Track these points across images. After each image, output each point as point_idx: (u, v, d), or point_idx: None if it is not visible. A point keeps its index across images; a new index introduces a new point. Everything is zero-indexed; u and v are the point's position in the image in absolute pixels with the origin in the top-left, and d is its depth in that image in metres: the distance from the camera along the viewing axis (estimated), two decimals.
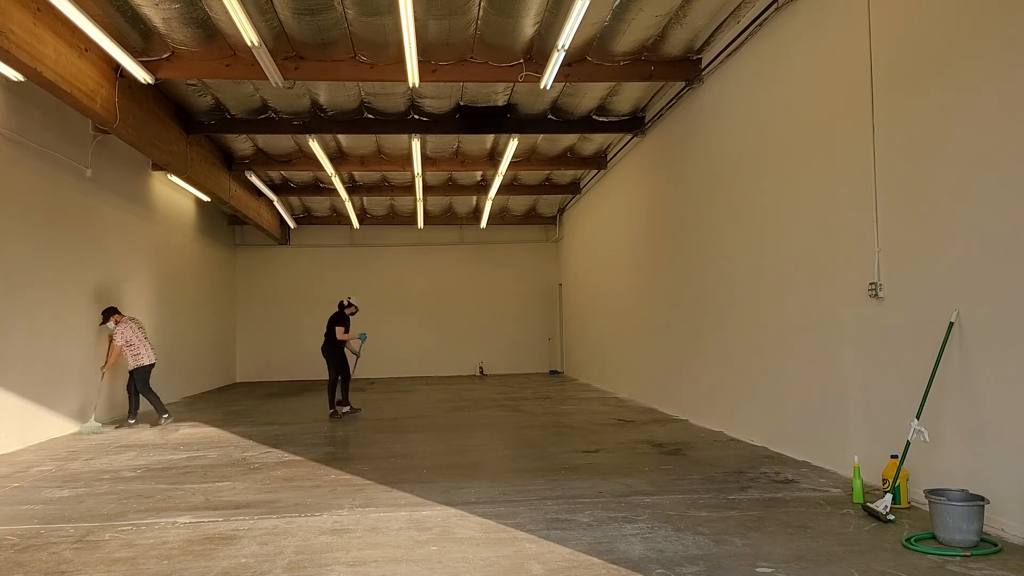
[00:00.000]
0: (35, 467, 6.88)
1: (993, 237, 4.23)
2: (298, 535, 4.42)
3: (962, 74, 4.48)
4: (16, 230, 8.24)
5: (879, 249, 5.29)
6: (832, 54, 5.92)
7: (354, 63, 8.39)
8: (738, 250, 7.74)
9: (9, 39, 6.16)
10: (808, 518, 4.57)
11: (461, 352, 19.12)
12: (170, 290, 13.43)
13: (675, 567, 3.71)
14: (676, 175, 9.75)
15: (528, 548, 4.07)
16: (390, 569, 3.77)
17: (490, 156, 13.08)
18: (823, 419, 6.06)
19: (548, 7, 7.35)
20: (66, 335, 9.33)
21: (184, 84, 9.46)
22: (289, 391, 15.08)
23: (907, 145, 4.99)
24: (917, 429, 4.52)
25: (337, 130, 10.70)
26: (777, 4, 6.77)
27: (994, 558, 3.79)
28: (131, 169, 11.58)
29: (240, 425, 9.67)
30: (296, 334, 18.74)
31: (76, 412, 9.54)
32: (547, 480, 5.83)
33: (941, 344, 4.56)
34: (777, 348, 6.87)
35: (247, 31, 6.88)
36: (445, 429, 8.91)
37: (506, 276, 19.41)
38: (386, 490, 5.59)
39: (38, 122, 8.71)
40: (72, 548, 4.26)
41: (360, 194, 15.42)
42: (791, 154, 6.59)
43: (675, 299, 9.83)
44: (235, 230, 18.47)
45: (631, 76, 8.74)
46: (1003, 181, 4.16)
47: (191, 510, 5.11)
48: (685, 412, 9.43)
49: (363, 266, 19.12)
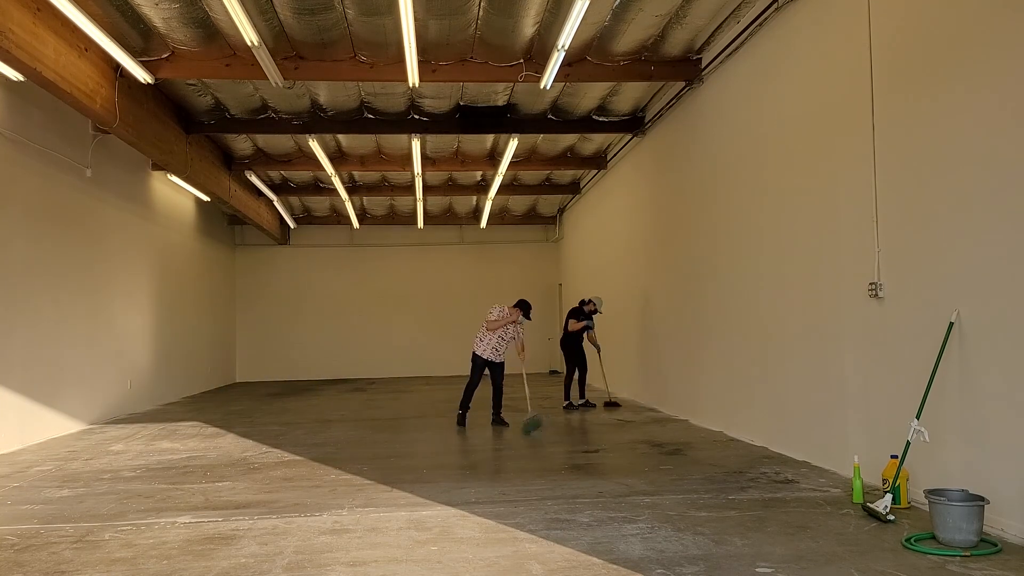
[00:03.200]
0: (35, 467, 6.87)
1: (993, 237, 4.23)
2: (298, 535, 4.42)
3: (963, 74, 4.48)
4: (16, 230, 8.24)
5: (879, 249, 5.28)
6: (832, 54, 5.92)
7: (354, 63, 8.39)
8: (738, 250, 7.74)
9: (9, 39, 6.15)
10: (808, 518, 4.57)
11: (461, 352, 19.09)
12: (170, 290, 13.44)
13: (675, 567, 3.71)
14: (676, 175, 9.75)
15: (528, 548, 4.07)
16: (390, 569, 3.77)
17: (490, 156, 13.08)
18: (823, 419, 6.06)
19: (548, 7, 7.35)
20: (66, 335, 9.32)
21: (184, 84, 9.46)
22: (289, 391, 15.07)
23: (907, 145, 4.99)
24: (917, 429, 4.52)
25: (337, 130, 10.70)
26: (777, 4, 6.77)
27: (994, 558, 3.79)
28: (131, 169, 11.58)
29: (240, 425, 9.67)
30: (296, 334, 18.75)
31: (76, 412, 9.54)
32: (547, 480, 5.83)
33: (941, 344, 4.56)
34: (777, 348, 6.87)
35: (247, 31, 6.88)
36: (445, 429, 8.91)
37: (506, 276, 19.41)
38: (386, 490, 5.59)
39: (38, 122, 8.71)
40: (72, 548, 4.26)
41: (360, 194, 15.42)
42: (791, 154, 6.59)
43: (675, 299, 9.83)
44: (235, 230, 18.47)
45: (631, 76, 8.75)
46: (1003, 181, 4.16)
47: (191, 510, 5.10)
48: (685, 412, 9.43)
49: (363, 266, 19.13)
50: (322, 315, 18.91)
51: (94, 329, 10.13)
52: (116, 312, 10.92)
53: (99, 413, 10.23)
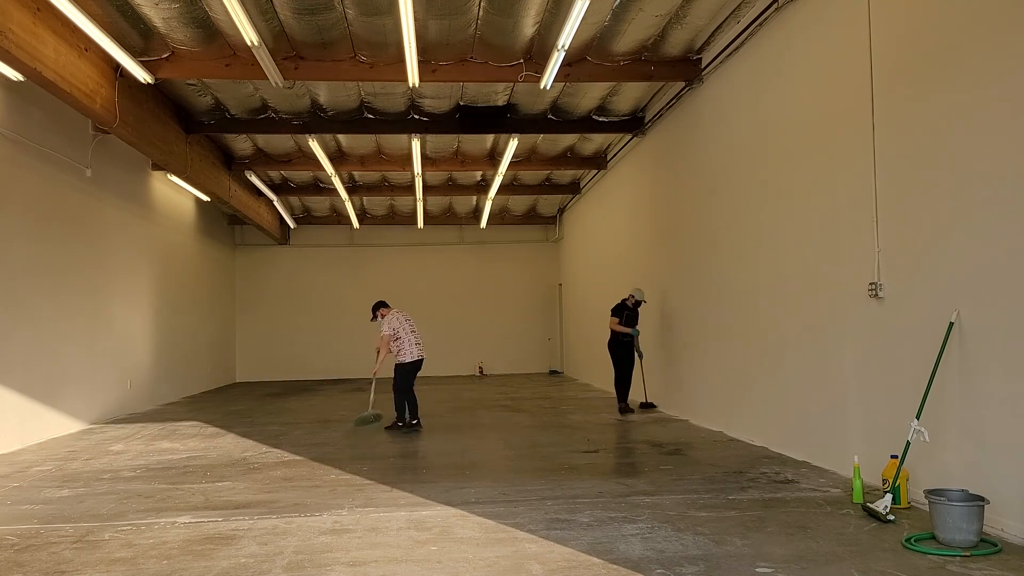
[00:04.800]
0: (35, 467, 6.87)
1: (993, 237, 4.23)
2: (298, 535, 4.42)
3: (962, 74, 4.48)
4: (16, 230, 8.24)
5: (879, 249, 5.28)
6: (832, 54, 5.92)
7: (354, 63, 8.39)
8: (738, 250, 7.74)
9: (9, 39, 6.15)
10: (808, 518, 4.57)
11: (461, 352, 19.11)
12: (170, 290, 13.43)
13: (675, 567, 3.71)
14: (676, 175, 9.75)
15: (528, 548, 4.07)
16: (390, 569, 3.77)
17: (490, 156, 13.08)
18: (823, 419, 6.06)
19: (548, 7, 7.35)
20: (66, 334, 9.32)
21: (184, 84, 9.46)
22: (289, 391, 15.07)
23: (907, 145, 4.99)
24: (917, 429, 4.52)
25: (337, 130, 10.70)
26: (777, 4, 6.76)
27: (994, 558, 3.79)
28: (131, 169, 11.58)
29: (240, 425, 9.66)
30: (296, 334, 18.75)
31: (76, 412, 9.54)
32: (547, 480, 5.82)
33: (941, 344, 4.56)
34: (777, 348, 6.87)
35: (247, 31, 6.88)
36: (445, 429, 8.90)
37: (506, 276, 19.40)
38: (386, 490, 5.59)
39: (38, 122, 8.71)
40: (72, 548, 4.26)
41: (360, 194, 15.42)
42: (791, 154, 6.58)
43: (675, 299, 9.83)
44: (235, 230, 18.46)
45: (631, 76, 8.74)
46: (1003, 181, 4.16)
47: (191, 510, 5.10)
48: (685, 412, 9.43)
49: (363, 266, 19.12)
50: (322, 315, 18.90)
51: (94, 329, 10.12)
52: (116, 312, 10.91)
53: (99, 413, 10.23)
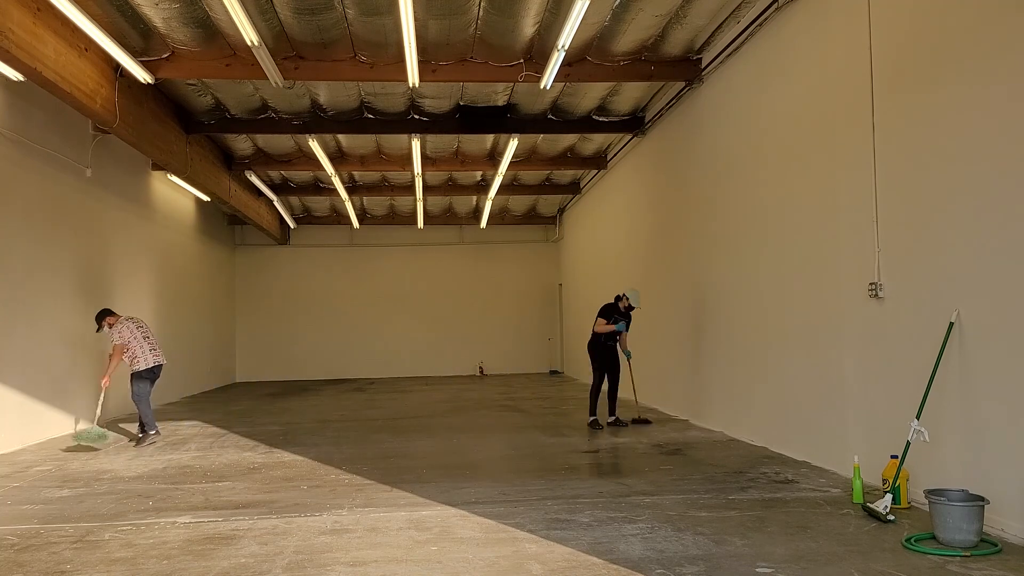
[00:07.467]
0: (35, 467, 6.87)
1: (993, 237, 4.23)
2: (298, 535, 4.42)
3: (963, 73, 4.48)
4: (16, 230, 8.24)
5: (879, 249, 5.28)
6: (832, 54, 5.92)
7: (354, 63, 8.38)
8: (738, 250, 7.74)
9: (9, 39, 6.15)
10: (808, 518, 4.57)
11: (461, 352, 19.11)
12: (170, 290, 13.43)
13: (675, 567, 3.71)
14: (676, 175, 9.75)
15: (528, 548, 4.07)
16: (390, 569, 3.77)
17: (490, 156, 13.07)
18: (823, 419, 6.06)
19: (548, 7, 7.35)
20: (66, 334, 9.32)
21: (184, 84, 9.46)
22: (289, 391, 15.07)
23: (907, 145, 4.99)
24: (917, 429, 4.52)
25: (337, 130, 10.70)
26: (777, 4, 6.76)
27: (994, 558, 3.79)
28: (131, 169, 11.58)
29: (240, 425, 9.67)
30: (296, 334, 18.74)
31: (76, 412, 9.54)
32: (547, 480, 5.82)
33: (941, 344, 4.56)
34: (777, 348, 6.87)
35: (247, 31, 6.88)
36: (445, 429, 8.91)
37: (506, 276, 19.40)
38: (386, 490, 5.59)
39: (38, 122, 8.71)
40: (72, 548, 4.26)
41: (360, 194, 15.42)
42: (791, 154, 6.58)
43: (675, 299, 9.83)
44: (235, 230, 18.46)
45: (631, 76, 8.74)
46: (1003, 181, 4.16)
47: (191, 510, 5.10)
48: (685, 412, 9.43)
49: (363, 266, 19.12)
50: (322, 315, 18.90)
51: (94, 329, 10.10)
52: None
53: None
